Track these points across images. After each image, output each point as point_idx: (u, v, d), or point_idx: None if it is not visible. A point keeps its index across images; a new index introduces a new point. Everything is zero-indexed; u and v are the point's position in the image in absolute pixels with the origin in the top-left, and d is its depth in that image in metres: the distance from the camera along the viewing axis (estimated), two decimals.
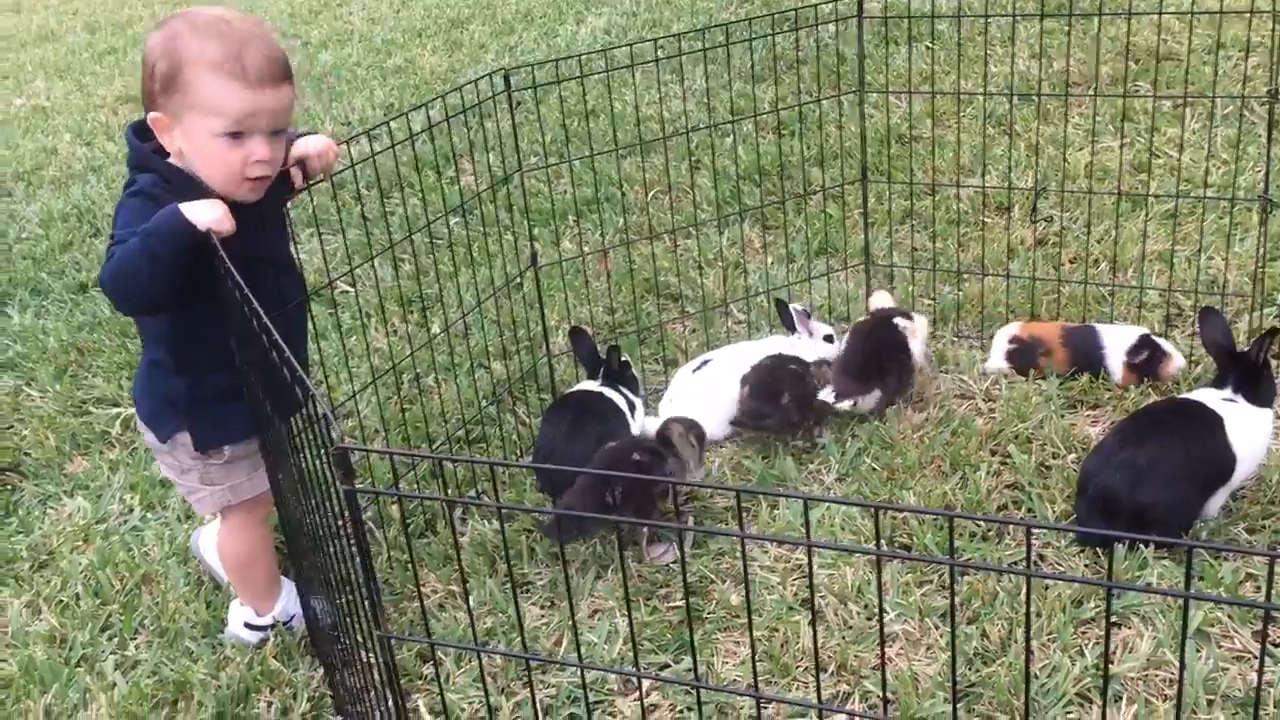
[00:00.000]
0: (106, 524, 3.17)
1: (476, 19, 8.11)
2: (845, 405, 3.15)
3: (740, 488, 1.33)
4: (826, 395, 3.14)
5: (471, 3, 8.64)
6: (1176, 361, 3.16)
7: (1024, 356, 3.30)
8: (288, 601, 2.75)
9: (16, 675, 2.65)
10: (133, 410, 3.71)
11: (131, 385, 3.91)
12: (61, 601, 2.88)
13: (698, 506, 2.98)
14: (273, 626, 2.71)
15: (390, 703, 1.82)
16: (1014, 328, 3.36)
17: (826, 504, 2.87)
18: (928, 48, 5.50)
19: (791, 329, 3.41)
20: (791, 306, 3.41)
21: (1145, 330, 3.23)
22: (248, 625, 2.72)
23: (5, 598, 2.93)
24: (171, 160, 2.32)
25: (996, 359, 3.33)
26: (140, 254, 2.15)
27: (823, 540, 2.76)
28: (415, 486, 3.14)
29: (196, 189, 2.27)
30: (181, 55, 2.22)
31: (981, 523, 2.73)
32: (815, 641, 1.45)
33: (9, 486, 3.42)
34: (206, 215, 2.17)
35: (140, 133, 2.35)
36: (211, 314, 2.27)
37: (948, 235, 4.02)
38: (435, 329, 3.69)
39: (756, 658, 2.46)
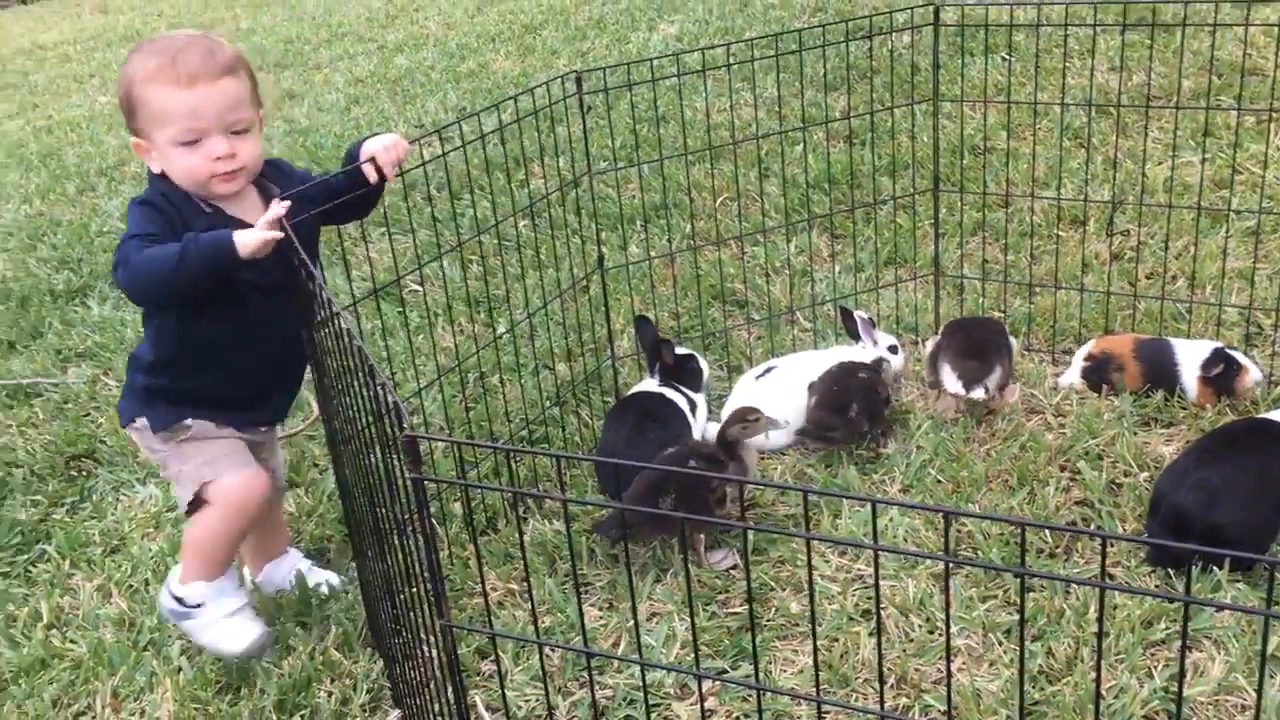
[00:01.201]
0: (175, 512, 3.23)
1: (549, 25, 8.17)
2: (979, 394, 3.06)
3: (806, 488, 1.32)
4: (955, 388, 3.07)
5: (545, 9, 8.71)
6: (1253, 375, 3.08)
7: (1097, 372, 3.23)
8: (219, 591, 2.60)
9: (86, 657, 2.71)
10: None
11: None
12: (131, 586, 2.94)
13: (758, 514, 2.96)
14: (197, 606, 2.58)
15: (450, 694, 1.83)
16: (1090, 344, 3.30)
17: (890, 515, 2.84)
18: (1003, 59, 5.43)
19: (855, 337, 3.38)
20: (856, 314, 3.38)
21: (1220, 344, 3.15)
22: (173, 595, 2.60)
23: (77, 581, 3.00)
24: (163, 177, 2.43)
25: (1072, 374, 3.27)
26: (176, 256, 2.25)
27: (888, 548, 2.73)
28: (478, 482, 3.15)
29: (186, 205, 2.40)
30: (130, 77, 2.36)
31: (1049, 539, 2.68)
32: (880, 647, 1.43)
33: (84, 473, 3.51)
34: (252, 244, 2.26)
35: None
36: (211, 328, 2.45)
37: (1020, 248, 3.96)
38: (501, 329, 3.72)
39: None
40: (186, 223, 2.38)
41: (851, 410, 3.09)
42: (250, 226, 2.34)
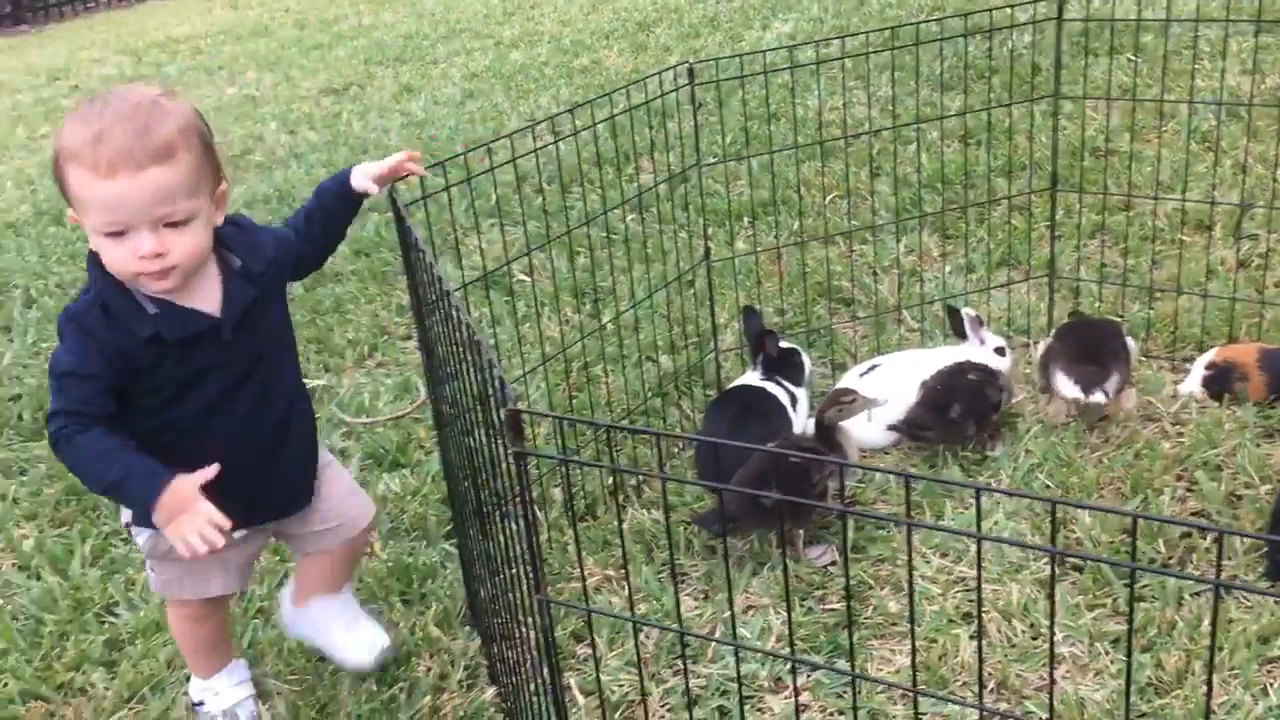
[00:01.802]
0: None
1: (663, 23, 8.19)
2: (1098, 398, 2.96)
3: (907, 473, 1.30)
4: (1072, 392, 2.98)
5: (659, 7, 8.74)
6: None
7: (1219, 381, 3.11)
8: (221, 682, 2.51)
9: None
10: (320, 380, 3.91)
11: (315, 358, 4.09)
12: None
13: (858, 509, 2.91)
14: (199, 704, 2.52)
15: (545, 673, 1.85)
16: (1212, 353, 3.18)
17: (995, 519, 2.78)
18: (1129, 59, 5.27)
19: (962, 336, 3.31)
20: (964, 311, 3.31)
21: None
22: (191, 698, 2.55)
23: None
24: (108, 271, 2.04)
25: (1192, 383, 3.16)
26: (102, 483, 2.04)
27: (992, 538, 2.67)
28: (579, 469, 3.18)
29: (125, 305, 2.04)
30: (57, 148, 1.98)
31: (1162, 549, 2.59)
32: (980, 645, 1.40)
33: None
34: (186, 539, 1.97)
35: None
36: (178, 417, 2.12)
37: (1140, 251, 3.84)
38: (606, 319, 3.75)
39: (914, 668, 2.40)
40: (129, 332, 2.03)
41: (953, 411, 3.02)
42: (205, 315, 2.07)
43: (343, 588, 2.53)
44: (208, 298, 2.10)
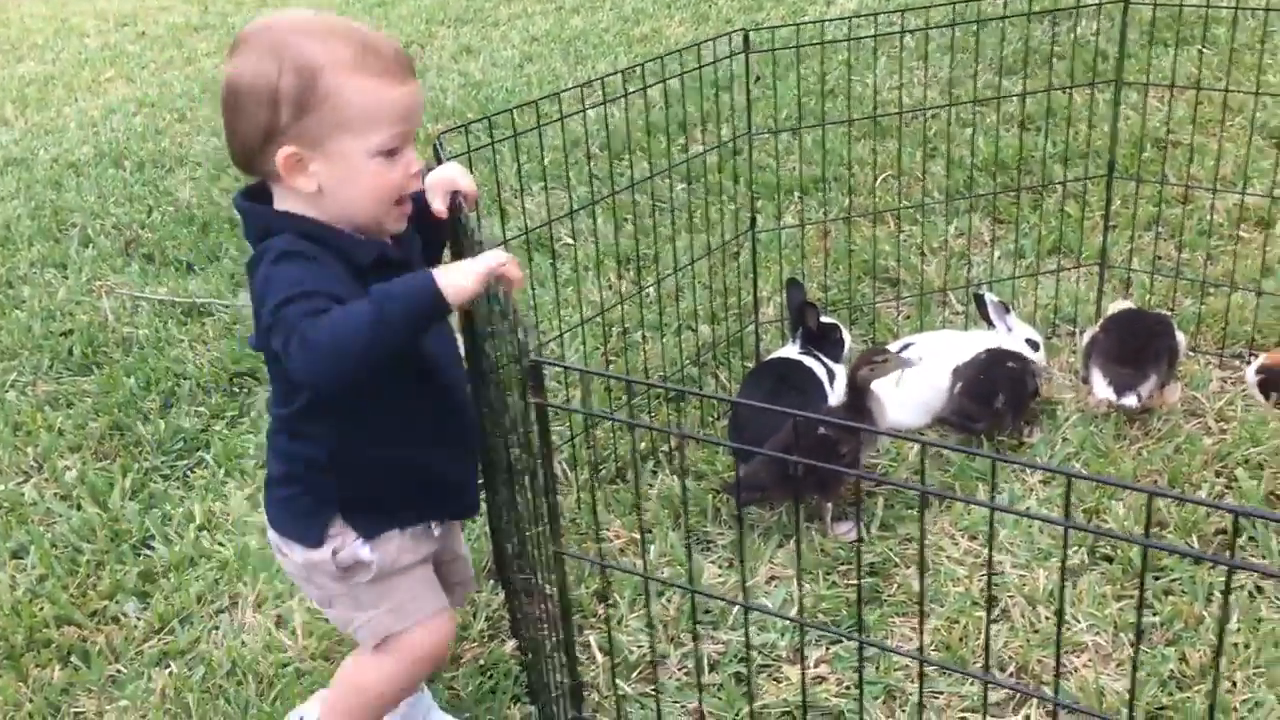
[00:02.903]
0: None
1: None
2: (1130, 401, 2.91)
3: (925, 440, 1.29)
4: (1105, 393, 2.94)
5: None
6: None
7: (1271, 385, 3.05)
8: None
9: (232, 559, 2.87)
10: None
11: None
12: None
13: (889, 493, 2.90)
14: None
15: (560, 626, 1.86)
16: (1262, 358, 3.11)
17: (1028, 503, 2.75)
18: (1199, 51, 5.15)
19: (990, 322, 3.27)
20: (987, 297, 3.26)
21: None
22: None
23: (230, 488, 3.17)
24: (297, 212, 1.81)
25: (1250, 388, 3.10)
26: (370, 317, 1.67)
27: (1005, 508, 2.65)
28: (611, 434, 3.18)
29: (340, 240, 1.81)
30: (313, 63, 1.72)
31: (1196, 543, 2.56)
32: (988, 617, 1.40)
33: (245, 390, 3.69)
34: (469, 287, 1.71)
35: (251, 197, 1.86)
36: (405, 404, 1.89)
37: (1196, 246, 3.77)
38: (648, 285, 3.75)
39: (934, 648, 2.39)
40: (347, 260, 1.79)
41: (998, 400, 3.00)
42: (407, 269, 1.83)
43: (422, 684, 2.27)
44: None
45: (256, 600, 2.74)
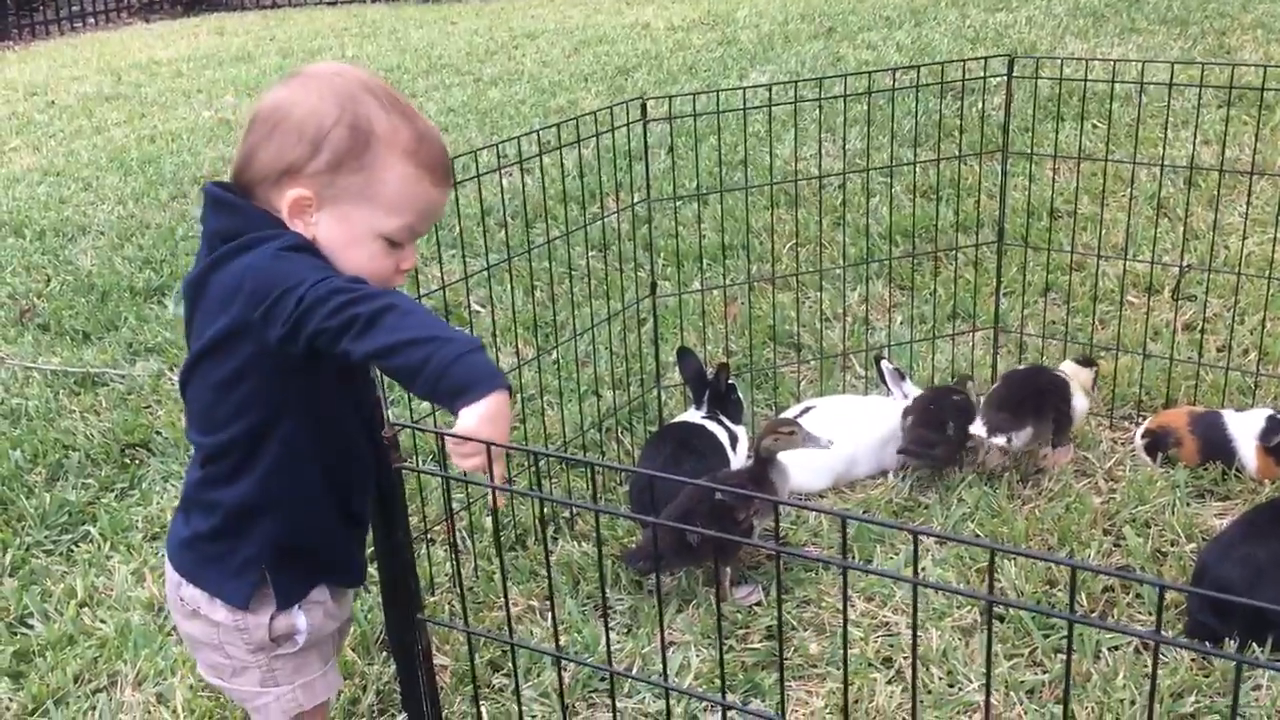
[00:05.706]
0: None
1: (643, 68, 8.28)
2: (999, 441, 3.00)
3: (844, 513, 1.29)
4: (978, 429, 3.02)
5: (640, 53, 8.83)
6: None
7: (1155, 449, 3.13)
8: None
9: (112, 636, 2.76)
10: None
11: None
12: (164, 572, 2.99)
13: (788, 556, 2.89)
14: None
15: (424, 698, 1.82)
16: (1147, 422, 3.19)
17: (924, 565, 2.77)
18: (1094, 126, 5.35)
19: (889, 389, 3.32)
20: (884, 364, 3.32)
21: (1272, 411, 3.03)
22: None
23: (115, 563, 3.06)
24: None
25: (1137, 450, 3.17)
26: (436, 329, 1.57)
27: (929, 584, 2.66)
28: (509, 500, 3.14)
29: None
30: (371, 127, 1.70)
31: (1084, 602, 2.59)
32: (915, 677, 1.39)
33: (137, 461, 3.59)
34: (470, 425, 1.55)
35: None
36: (330, 439, 1.79)
37: (1087, 310, 3.87)
38: (555, 354, 3.74)
39: (829, 711, 2.38)
40: None
41: (949, 428, 3.05)
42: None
43: None
44: None
45: (137, 678, 2.64)
